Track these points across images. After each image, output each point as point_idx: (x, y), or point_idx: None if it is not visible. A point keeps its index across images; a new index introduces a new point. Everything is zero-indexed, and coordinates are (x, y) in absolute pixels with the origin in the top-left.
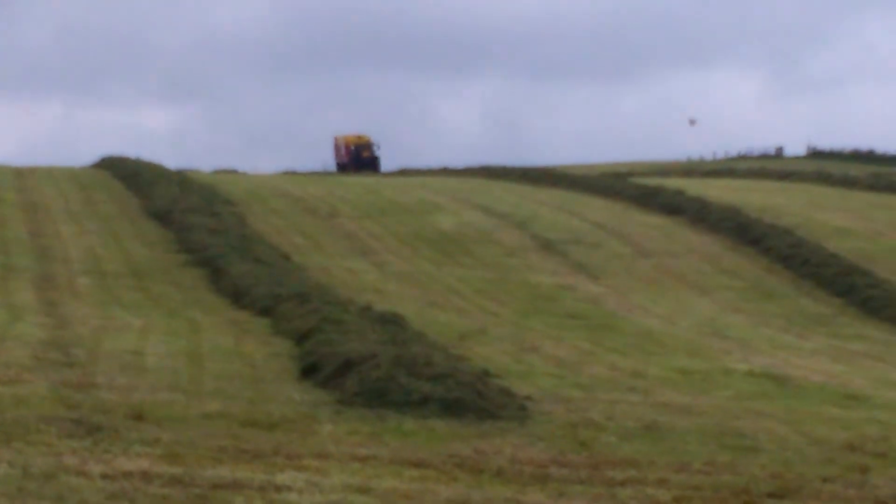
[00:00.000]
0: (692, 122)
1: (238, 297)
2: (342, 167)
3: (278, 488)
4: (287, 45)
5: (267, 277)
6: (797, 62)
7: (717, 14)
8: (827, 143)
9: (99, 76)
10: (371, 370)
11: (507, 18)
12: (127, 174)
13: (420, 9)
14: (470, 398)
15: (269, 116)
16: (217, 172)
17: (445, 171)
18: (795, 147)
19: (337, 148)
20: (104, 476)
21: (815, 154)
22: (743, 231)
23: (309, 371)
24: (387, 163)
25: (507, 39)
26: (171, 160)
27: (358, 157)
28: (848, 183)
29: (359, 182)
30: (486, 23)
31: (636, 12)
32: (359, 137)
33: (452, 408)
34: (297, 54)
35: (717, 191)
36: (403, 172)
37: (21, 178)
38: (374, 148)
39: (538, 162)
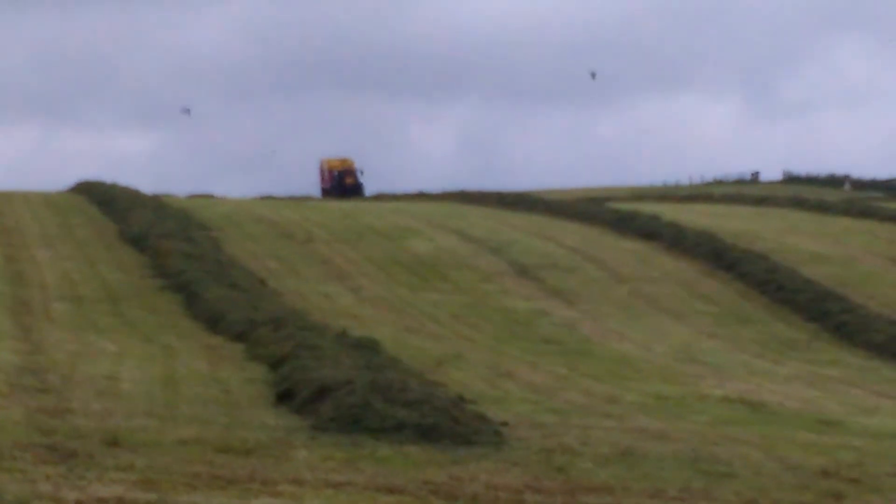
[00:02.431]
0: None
1: (213, 322)
2: (326, 192)
3: None
4: (262, 70)
5: (242, 302)
6: (770, 87)
7: (690, 40)
8: (802, 167)
9: (75, 100)
10: (346, 396)
11: (483, 44)
12: (103, 199)
13: (396, 33)
14: (445, 424)
15: (245, 141)
16: (193, 197)
17: (421, 196)
18: (771, 172)
19: (321, 173)
20: (78, 502)
21: (791, 179)
22: (718, 256)
23: (284, 397)
24: (366, 187)
25: (484, 64)
26: (146, 185)
27: (341, 183)
28: (823, 208)
29: (335, 207)
30: (462, 48)
31: (611, 37)
32: (342, 162)
33: (428, 434)
34: (272, 78)
35: (693, 216)
36: (379, 197)
37: None
38: (358, 174)
39: (514, 186)
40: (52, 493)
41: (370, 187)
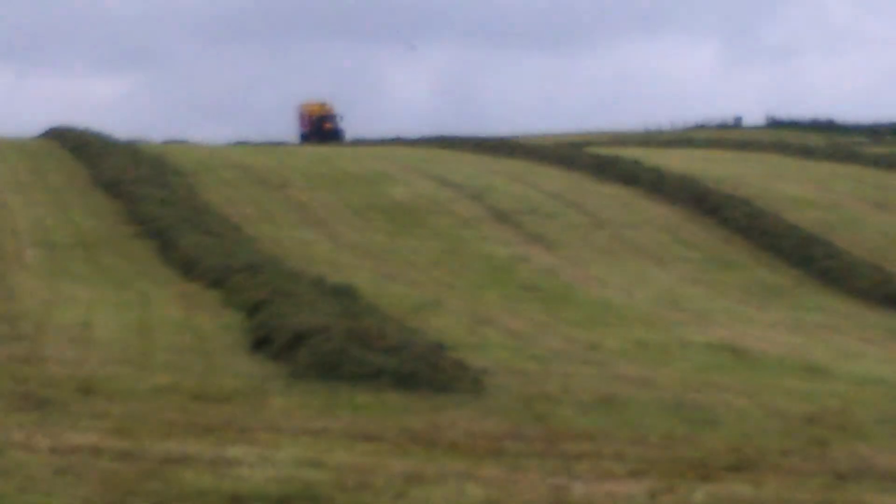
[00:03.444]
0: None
1: (188, 268)
2: (305, 138)
3: (229, 462)
4: (237, 14)
5: (218, 249)
6: (751, 29)
7: None
8: (785, 112)
9: (45, 44)
10: (323, 343)
11: None
12: (75, 145)
13: None
14: (424, 371)
15: (219, 86)
16: (167, 143)
17: (399, 141)
18: (753, 117)
19: (300, 118)
20: (52, 450)
21: (774, 124)
22: (700, 201)
23: (260, 344)
24: (345, 133)
25: (460, 6)
26: (119, 130)
27: (320, 129)
28: (806, 153)
29: (311, 152)
30: None
31: None
32: (321, 107)
33: (406, 381)
34: (246, 22)
35: (675, 161)
36: (357, 142)
37: None
38: (338, 119)
39: (492, 131)
40: (24, 442)
41: (349, 133)
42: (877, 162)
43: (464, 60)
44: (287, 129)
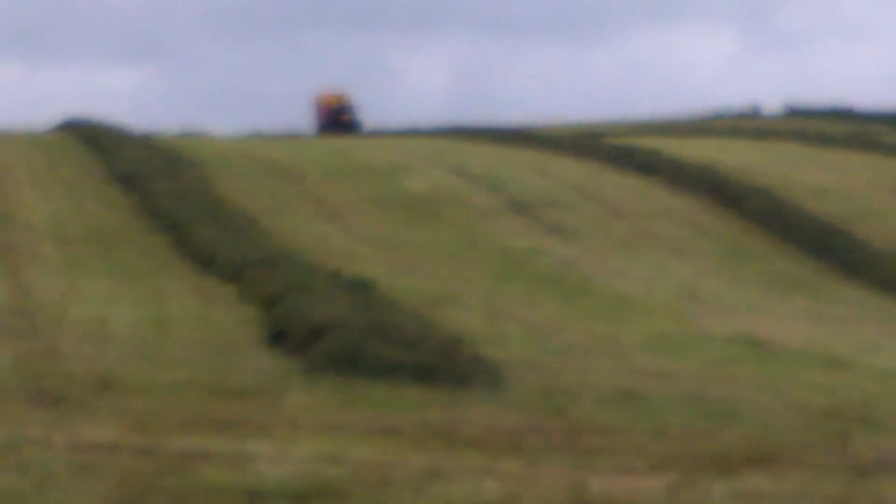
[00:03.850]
0: None
1: (204, 263)
2: (322, 129)
3: (248, 458)
4: (250, 3)
5: (234, 243)
6: (769, 17)
7: None
8: (803, 101)
9: (58, 37)
10: (341, 337)
11: None
12: (89, 137)
13: None
14: (442, 365)
15: (233, 77)
16: (182, 135)
17: (414, 132)
18: (771, 105)
19: (317, 109)
20: (70, 447)
21: (793, 112)
22: (720, 192)
23: (277, 338)
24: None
25: None
26: (134, 122)
27: (338, 120)
28: (825, 141)
29: (327, 144)
30: None
31: None
32: (339, 98)
33: (425, 375)
34: (260, 12)
35: (693, 151)
36: (373, 134)
37: None
38: (355, 110)
39: (508, 121)
40: (42, 437)
41: (365, 124)
42: None
43: (479, 50)
44: (302, 119)
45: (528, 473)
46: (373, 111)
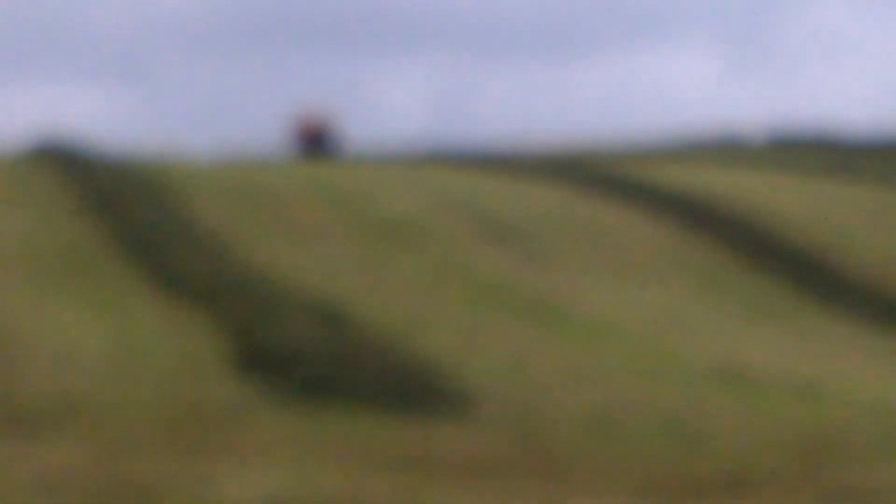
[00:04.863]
0: None
1: (177, 287)
2: (302, 152)
3: (216, 483)
4: (226, 25)
5: (207, 268)
6: (751, 42)
7: None
8: (787, 127)
9: (31, 56)
10: (313, 363)
11: None
12: (62, 159)
13: None
14: (415, 392)
15: (209, 97)
16: (156, 158)
17: (393, 157)
18: (755, 132)
19: (299, 132)
20: (37, 472)
21: (776, 140)
22: (699, 219)
23: (249, 364)
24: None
25: (455, 15)
26: (109, 142)
27: (318, 144)
28: (808, 170)
29: (304, 168)
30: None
31: None
32: (319, 122)
33: (398, 402)
34: (238, 33)
35: (674, 177)
36: (350, 158)
37: None
38: (337, 133)
39: (489, 142)
40: (6, 464)
41: (346, 147)
42: (879, 180)
43: (458, 70)
44: (280, 141)
45: (503, 501)
46: (352, 133)
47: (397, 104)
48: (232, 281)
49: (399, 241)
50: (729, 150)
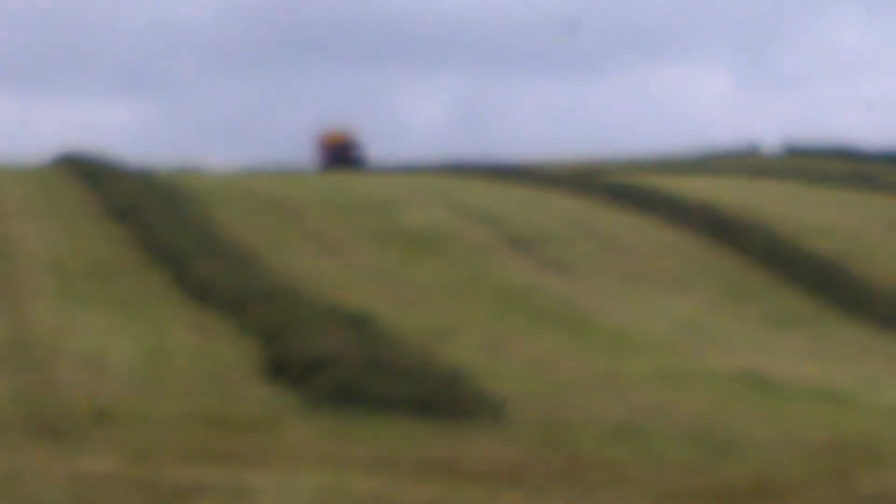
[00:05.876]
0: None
1: (203, 296)
2: (326, 167)
3: (247, 490)
4: (248, 38)
5: (232, 276)
6: (765, 55)
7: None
8: (802, 139)
9: (55, 70)
10: (340, 370)
11: (475, 10)
12: (86, 171)
13: (385, 1)
14: (442, 399)
15: (232, 110)
16: (180, 169)
17: (414, 168)
18: (770, 143)
19: (323, 147)
20: (68, 478)
21: (791, 150)
22: (718, 229)
23: (277, 371)
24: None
25: (473, 31)
26: (131, 155)
27: (342, 157)
28: (824, 180)
29: (326, 179)
30: (453, 15)
31: (602, 4)
32: (343, 136)
33: (425, 408)
34: (258, 47)
35: (692, 188)
36: (372, 170)
37: None
38: (360, 147)
39: (509, 157)
40: (42, 469)
41: (369, 161)
42: (894, 189)
43: (478, 85)
44: (303, 154)
45: None
46: (375, 146)
47: (420, 118)
48: (259, 290)
49: (424, 250)
50: (746, 161)
